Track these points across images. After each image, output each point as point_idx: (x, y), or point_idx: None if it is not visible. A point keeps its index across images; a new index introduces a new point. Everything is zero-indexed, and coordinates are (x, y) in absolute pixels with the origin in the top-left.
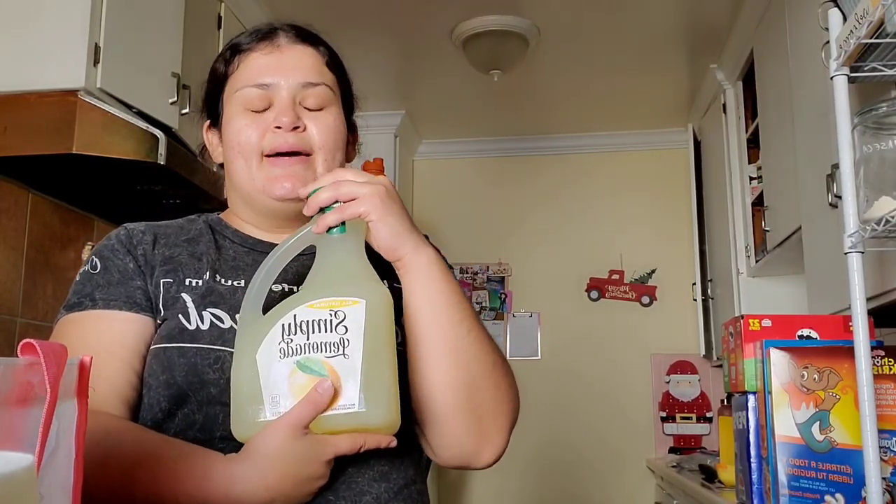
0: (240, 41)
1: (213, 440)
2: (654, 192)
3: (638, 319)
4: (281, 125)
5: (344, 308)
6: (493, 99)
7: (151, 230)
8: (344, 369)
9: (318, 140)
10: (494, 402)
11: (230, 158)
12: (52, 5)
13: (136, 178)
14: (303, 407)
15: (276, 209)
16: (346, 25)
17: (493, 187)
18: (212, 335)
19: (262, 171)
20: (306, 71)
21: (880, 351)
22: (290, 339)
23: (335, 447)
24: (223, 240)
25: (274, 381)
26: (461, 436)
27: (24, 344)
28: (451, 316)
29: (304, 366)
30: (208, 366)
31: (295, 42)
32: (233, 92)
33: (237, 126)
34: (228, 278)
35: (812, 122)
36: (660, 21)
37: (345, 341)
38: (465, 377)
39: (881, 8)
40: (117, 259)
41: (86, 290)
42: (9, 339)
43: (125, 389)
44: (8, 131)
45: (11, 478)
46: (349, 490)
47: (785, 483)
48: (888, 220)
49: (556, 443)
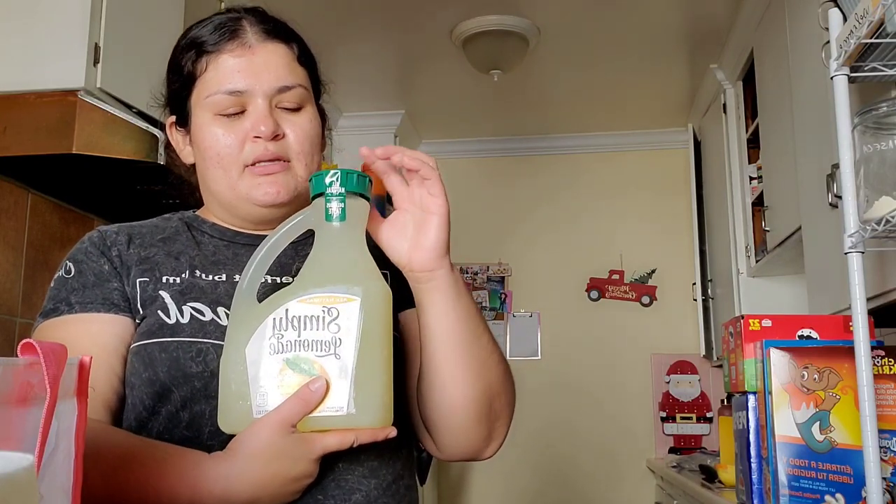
0: (204, 38)
1: (201, 437)
2: (654, 192)
3: (638, 319)
4: (260, 135)
5: (338, 305)
6: (493, 99)
7: (125, 231)
8: (335, 370)
9: (296, 147)
10: (504, 407)
11: (206, 166)
12: (52, 5)
13: (136, 178)
14: (293, 404)
15: (259, 214)
16: (345, 25)
17: (493, 187)
18: (192, 328)
19: (244, 180)
20: (280, 73)
21: (880, 351)
22: (280, 335)
23: (323, 445)
24: (201, 235)
25: (262, 377)
26: (472, 438)
27: (24, 344)
28: (474, 332)
29: (294, 364)
30: (190, 359)
31: (265, 39)
32: (203, 97)
33: (213, 134)
34: (209, 273)
35: (812, 122)
36: (660, 21)
37: (337, 340)
38: (486, 388)
39: (881, 8)
40: (91, 262)
41: (61, 295)
42: (9, 339)
43: (107, 394)
44: (8, 131)
45: (11, 478)
46: (338, 488)
47: (785, 483)
48: (888, 220)
49: (556, 443)
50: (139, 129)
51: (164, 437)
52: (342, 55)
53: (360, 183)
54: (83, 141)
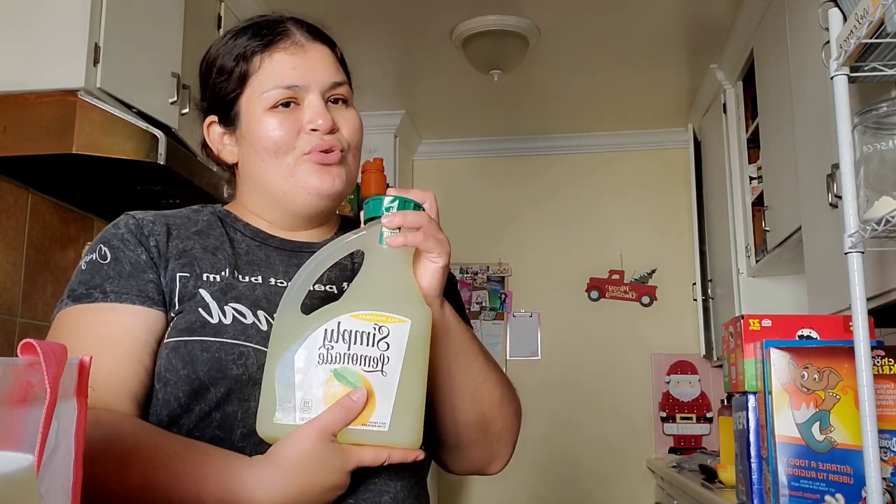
0: (252, 39)
1: (232, 438)
2: (654, 192)
3: (638, 319)
4: (318, 128)
5: (389, 324)
6: (493, 99)
7: (162, 221)
8: (380, 386)
9: (350, 140)
10: (503, 429)
11: (257, 158)
12: (52, 5)
13: (136, 178)
14: (335, 412)
15: (307, 207)
16: (346, 25)
17: (493, 187)
18: (235, 330)
19: (301, 166)
20: (331, 70)
21: (880, 351)
22: (330, 346)
23: (359, 458)
24: (234, 233)
25: (308, 385)
26: (472, 460)
27: (24, 344)
28: (470, 365)
29: (341, 375)
30: (232, 361)
31: (313, 40)
32: (259, 93)
33: (269, 125)
34: (245, 274)
35: (812, 122)
36: (660, 21)
37: (385, 358)
38: (480, 418)
39: (881, 8)
40: (128, 250)
41: (95, 280)
42: (9, 339)
43: (134, 385)
44: (8, 131)
45: (11, 478)
46: (368, 491)
47: (785, 483)
48: (888, 220)
49: (557, 442)
50: (139, 129)
51: (195, 435)
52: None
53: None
54: (83, 141)
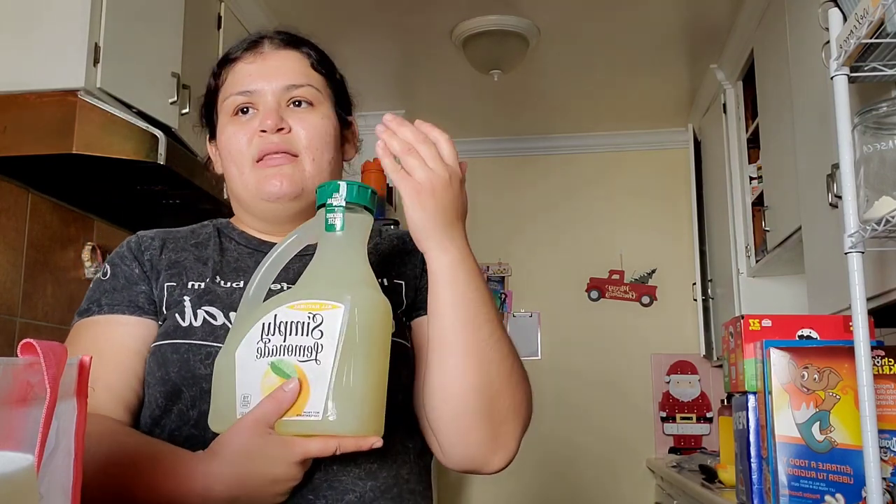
0: (227, 53)
1: (206, 436)
2: (655, 192)
3: (638, 319)
4: (265, 128)
5: (322, 312)
6: (493, 99)
7: (161, 236)
8: (314, 375)
9: (305, 141)
10: (509, 408)
11: (226, 167)
12: (52, 5)
13: (136, 178)
14: (266, 405)
15: (272, 211)
16: (346, 25)
17: (493, 187)
18: (203, 331)
19: (253, 174)
20: (289, 74)
21: (880, 351)
22: (268, 339)
23: (304, 449)
24: (228, 241)
25: (248, 380)
26: (474, 439)
27: (24, 344)
28: (473, 320)
29: (277, 367)
30: (199, 361)
31: (279, 48)
32: (221, 102)
33: (227, 135)
34: (228, 280)
35: (812, 122)
36: (660, 21)
37: (318, 346)
38: (484, 381)
39: (881, 8)
40: (124, 265)
41: (94, 296)
42: (9, 339)
43: (125, 393)
44: (8, 131)
45: (11, 478)
46: (331, 489)
47: (785, 483)
48: (888, 220)
49: (557, 442)
50: (139, 129)
51: (175, 435)
52: (342, 55)
53: (362, 194)
54: (83, 141)
